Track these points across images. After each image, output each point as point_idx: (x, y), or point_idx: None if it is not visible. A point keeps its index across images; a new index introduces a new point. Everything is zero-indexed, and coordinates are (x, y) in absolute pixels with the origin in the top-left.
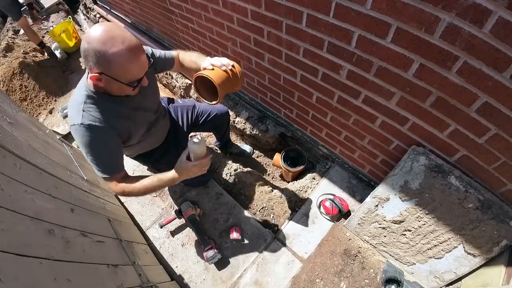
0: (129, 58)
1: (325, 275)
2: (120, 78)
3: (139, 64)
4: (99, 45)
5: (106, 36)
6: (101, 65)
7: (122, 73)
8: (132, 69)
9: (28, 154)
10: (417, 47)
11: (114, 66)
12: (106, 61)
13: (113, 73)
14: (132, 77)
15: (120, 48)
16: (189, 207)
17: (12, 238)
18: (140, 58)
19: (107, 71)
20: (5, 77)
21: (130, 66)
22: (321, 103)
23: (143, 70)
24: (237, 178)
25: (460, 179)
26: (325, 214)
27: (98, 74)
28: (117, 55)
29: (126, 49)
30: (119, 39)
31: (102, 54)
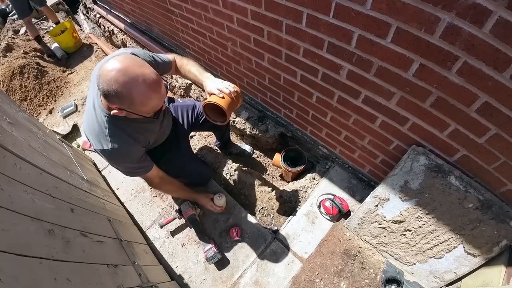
0: (151, 96)
1: (325, 275)
2: (142, 113)
3: (160, 97)
4: (120, 87)
5: (126, 77)
6: (123, 104)
7: (145, 109)
8: (154, 104)
9: (28, 154)
10: (417, 47)
11: (136, 105)
12: (128, 101)
13: (135, 110)
14: (153, 110)
15: (142, 89)
16: (189, 207)
17: (12, 238)
18: (161, 91)
19: (129, 108)
20: (5, 77)
21: (152, 102)
22: (321, 103)
23: (163, 100)
24: (237, 178)
25: (460, 179)
26: (325, 214)
27: (119, 109)
28: (139, 95)
29: (148, 87)
30: (140, 78)
31: (124, 96)
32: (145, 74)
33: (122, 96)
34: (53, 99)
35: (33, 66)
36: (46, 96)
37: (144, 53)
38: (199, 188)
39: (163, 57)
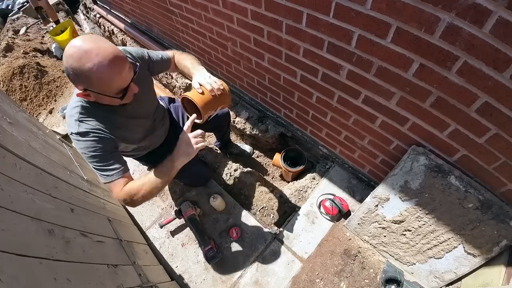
0: (108, 70)
1: (325, 275)
2: (105, 92)
3: (120, 73)
4: (75, 62)
5: (81, 52)
6: (82, 82)
7: (104, 86)
8: (114, 81)
9: (28, 154)
10: (417, 47)
11: (94, 82)
12: (86, 78)
13: (96, 88)
14: (116, 88)
15: (97, 62)
16: (189, 207)
17: (12, 238)
18: (121, 66)
19: (90, 87)
20: (5, 77)
21: (110, 77)
22: (321, 103)
23: (127, 79)
24: (237, 178)
25: (460, 179)
26: (325, 214)
27: (83, 90)
28: (95, 69)
29: (103, 61)
30: (94, 51)
31: (80, 71)
32: (100, 47)
33: (78, 72)
34: (53, 99)
35: (33, 66)
36: (46, 96)
37: (136, 50)
38: (199, 188)
39: (160, 54)
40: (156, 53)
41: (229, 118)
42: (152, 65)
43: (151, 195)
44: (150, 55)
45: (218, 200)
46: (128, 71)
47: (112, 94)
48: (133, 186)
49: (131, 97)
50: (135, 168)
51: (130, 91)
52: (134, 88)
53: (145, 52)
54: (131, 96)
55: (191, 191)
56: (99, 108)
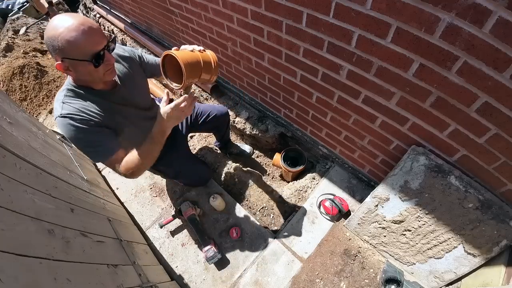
0: (77, 33)
1: (325, 275)
2: (78, 56)
3: (89, 36)
4: (50, 31)
5: (56, 22)
6: (56, 50)
7: (75, 49)
8: (83, 43)
9: (28, 154)
10: (417, 47)
11: (65, 45)
12: (58, 44)
13: (68, 53)
14: (88, 51)
15: (67, 26)
16: (189, 207)
17: (12, 238)
18: (90, 30)
19: (64, 54)
20: (5, 77)
21: (79, 40)
22: (321, 103)
23: (99, 43)
24: (237, 178)
25: (460, 179)
26: (325, 214)
27: (61, 62)
28: (65, 32)
29: (72, 25)
30: (67, 19)
31: (53, 37)
32: (72, 16)
33: (52, 41)
34: (53, 99)
35: (33, 66)
36: (46, 96)
37: (130, 49)
38: (199, 188)
39: (155, 59)
40: (151, 56)
41: (228, 118)
42: (144, 64)
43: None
44: (143, 55)
45: (218, 200)
46: (100, 38)
47: (85, 57)
48: (128, 161)
49: (111, 73)
50: None
51: (107, 62)
52: (109, 57)
53: (139, 52)
54: (111, 72)
55: (191, 191)
56: (87, 91)
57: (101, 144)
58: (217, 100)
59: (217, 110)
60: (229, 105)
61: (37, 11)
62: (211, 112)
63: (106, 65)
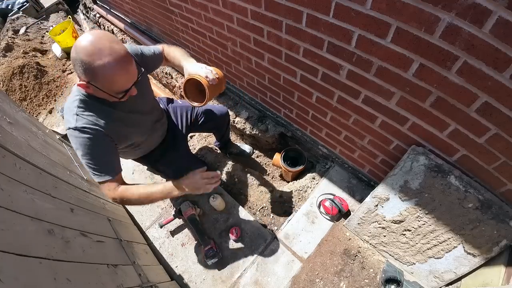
0: (115, 71)
1: (325, 275)
2: (106, 90)
3: (126, 76)
4: (86, 56)
5: (94, 47)
6: (87, 76)
7: (108, 85)
8: (119, 81)
9: (28, 154)
10: (417, 47)
11: (100, 78)
12: (92, 73)
13: (99, 85)
14: (118, 89)
15: (106, 61)
16: (189, 207)
17: (12, 238)
18: (128, 69)
19: (94, 82)
20: (5, 77)
21: (116, 78)
22: (321, 103)
23: (131, 81)
24: (237, 178)
25: (460, 179)
26: (325, 214)
27: (85, 82)
28: (103, 68)
29: (113, 61)
30: (106, 51)
31: (88, 65)
32: (113, 48)
33: (86, 66)
34: (53, 99)
35: (33, 66)
36: (46, 96)
37: (130, 46)
38: None
39: (152, 49)
40: (148, 48)
41: (228, 118)
42: (145, 60)
43: (141, 204)
44: (143, 51)
45: (218, 200)
46: (133, 75)
47: (112, 93)
48: (127, 192)
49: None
50: (135, 168)
51: (130, 93)
52: (133, 91)
53: (139, 49)
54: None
55: None
56: (98, 101)
57: (106, 161)
58: (217, 100)
59: (217, 110)
60: (229, 105)
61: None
62: (211, 112)
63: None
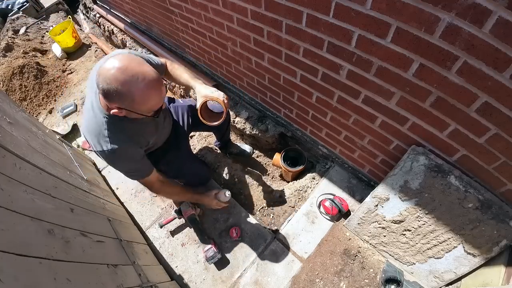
0: (151, 94)
1: (325, 275)
2: (143, 112)
3: (160, 95)
4: (121, 86)
5: (127, 75)
6: (123, 103)
7: (144, 107)
8: (154, 102)
9: (28, 154)
10: (417, 47)
11: (136, 104)
12: (128, 100)
13: (135, 109)
14: (154, 108)
15: (142, 87)
16: (189, 207)
17: (12, 238)
18: (161, 89)
19: (129, 107)
20: (5, 77)
21: (151, 100)
22: (321, 103)
23: (163, 98)
24: (237, 178)
25: (460, 179)
26: (325, 214)
27: (117, 110)
28: (140, 93)
29: (148, 85)
30: (140, 76)
31: (124, 94)
32: (145, 72)
33: (122, 95)
34: (53, 99)
35: (33, 66)
36: (46, 96)
37: (141, 54)
38: (200, 188)
39: (156, 60)
40: (153, 58)
41: (228, 118)
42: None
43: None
44: (151, 60)
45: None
46: (164, 93)
47: (147, 113)
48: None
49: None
50: None
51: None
52: (163, 105)
53: (144, 56)
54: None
55: None
56: (127, 121)
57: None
58: None
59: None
60: (229, 105)
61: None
62: None
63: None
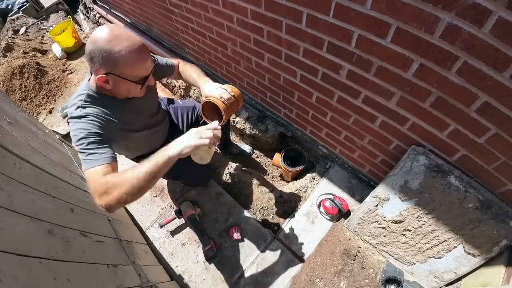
0: (135, 55)
1: (325, 275)
2: (127, 76)
3: (144, 61)
4: (105, 44)
5: (111, 35)
6: (107, 64)
7: (129, 70)
8: (138, 66)
9: (27, 154)
10: (417, 47)
11: (120, 64)
12: (112, 60)
13: (120, 71)
14: (140, 74)
15: (126, 45)
16: (189, 207)
17: (12, 238)
18: (147, 54)
19: (114, 70)
20: (5, 77)
21: (136, 62)
22: (321, 103)
23: (149, 68)
24: (237, 178)
25: (460, 179)
26: (325, 214)
27: (105, 74)
28: (123, 52)
29: (132, 46)
30: (124, 37)
31: (108, 52)
32: (130, 35)
33: (105, 54)
34: (53, 99)
35: (33, 66)
36: (46, 96)
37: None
38: (199, 188)
39: (165, 60)
40: (160, 58)
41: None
42: (156, 68)
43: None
44: (155, 58)
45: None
46: (151, 62)
47: (134, 79)
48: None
49: (145, 90)
50: None
51: (148, 83)
52: (151, 80)
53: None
54: (145, 89)
55: (191, 191)
56: (106, 99)
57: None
58: None
59: None
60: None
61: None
62: None
63: (146, 84)
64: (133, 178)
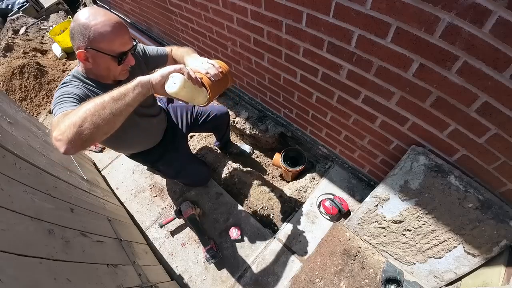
0: (111, 28)
1: (325, 274)
2: (104, 50)
3: (121, 35)
4: (83, 20)
5: (89, 12)
6: (85, 38)
7: (105, 44)
8: (115, 39)
9: (28, 154)
10: (417, 47)
11: (97, 36)
12: (89, 33)
13: (97, 45)
14: (115, 49)
15: (102, 20)
16: (189, 207)
17: (12, 238)
18: (122, 30)
19: (91, 44)
20: (5, 77)
21: (112, 35)
22: (321, 103)
23: (127, 44)
24: (237, 178)
25: (460, 179)
26: (325, 214)
27: (84, 50)
28: (99, 25)
29: (108, 20)
30: (102, 13)
31: (86, 26)
32: (108, 13)
33: (83, 28)
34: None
35: (33, 66)
36: (46, 96)
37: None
38: (199, 188)
39: (156, 49)
40: (152, 47)
41: (228, 118)
42: (146, 58)
43: (95, 116)
44: (146, 49)
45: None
46: (129, 39)
47: (111, 52)
48: (79, 107)
49: (126, 72)
50: (135, 168)
51: (128, 62)
52: (131, 59)
53: (141, 46)
54: (126, 71)
55: (191, 191)
56: (94, 82)
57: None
58: (217, 100)
59: (217, 110)
60: (229, 105)
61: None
62: (211, 112)
63: (125, 65)
64: (95, 101)
